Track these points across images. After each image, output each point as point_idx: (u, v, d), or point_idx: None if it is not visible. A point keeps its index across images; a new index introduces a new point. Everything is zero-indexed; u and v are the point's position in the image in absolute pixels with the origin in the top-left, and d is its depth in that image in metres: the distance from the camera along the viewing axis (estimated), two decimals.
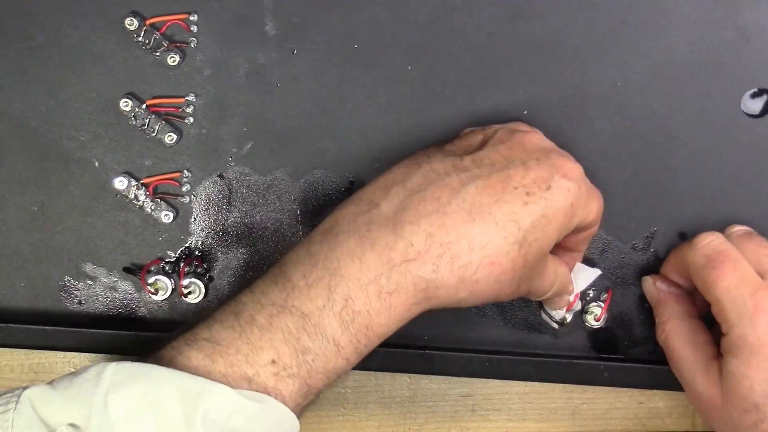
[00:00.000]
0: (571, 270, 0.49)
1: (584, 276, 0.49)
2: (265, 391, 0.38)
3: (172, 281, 0.52)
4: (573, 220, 0.43)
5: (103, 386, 0.37)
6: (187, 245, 0.52)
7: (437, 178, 0.41)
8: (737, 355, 0.44)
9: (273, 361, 0.39)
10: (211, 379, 0.38)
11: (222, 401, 0.37)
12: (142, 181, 0.52)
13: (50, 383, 0.38)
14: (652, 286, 0.51)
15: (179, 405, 0.37)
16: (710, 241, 0.47)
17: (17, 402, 0.37)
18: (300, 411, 0.40)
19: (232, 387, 0.38)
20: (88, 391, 0.37)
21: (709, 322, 0.49)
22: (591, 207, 0.44)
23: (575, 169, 0.43)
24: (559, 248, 0.49)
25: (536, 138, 0.45)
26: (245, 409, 0.37)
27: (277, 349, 0.39)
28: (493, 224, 0.40)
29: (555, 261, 0.47)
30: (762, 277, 0.45)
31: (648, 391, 0.53)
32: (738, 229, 0.50)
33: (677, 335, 0.48)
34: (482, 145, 0.44)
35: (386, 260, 0.39)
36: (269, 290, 0.40)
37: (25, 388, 0.38)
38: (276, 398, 0.39)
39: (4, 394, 0.38)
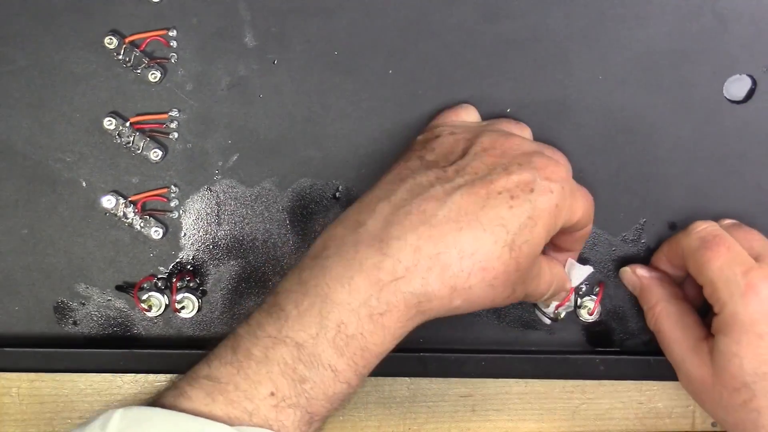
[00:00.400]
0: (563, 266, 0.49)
1: (576, 273, 0.49)
2: (266, 423, 0.39)
3: (165, 297, 0.52)
4: (559, 220, 0.43)
5: None
6: (178, 260, 0.52)
7: (422, 191, 0.42)
8: (728, 333, 0.44)
9: (272, 394, 0.39)
10: (213, 418, 0.38)
11: None
12: (130, 199, 0.52)
13: None
14: (632, 275, 0.51)
15: None
16: (705, 227, 0.48)
17: None
18: None
19: (233, 424, 0.38)
20: None
21: (700, 313, 0.49)
22: (576, 206, 0.44)
23: (558, 171, 0.43)
24: (555, 249, 0.49)
25: (518, 142, 0.44)
26: None
27: (274, 381, 0.39)
28: (481, 230, 0.40)
29: (550, 261, 0.47)
30: (754, 260, 0.46)
31: (648, 392, 0.54)
32: (727, 221, 0.50)
33: (666, 317, 0.49)
34: (464, 153, 0.44)
35: (375, 281, 0.39)
36: (264, 322, 0.40)
37: None
38: (279, 430, 0.39)
39: None
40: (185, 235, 0.52)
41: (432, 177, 0.42)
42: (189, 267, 0.52)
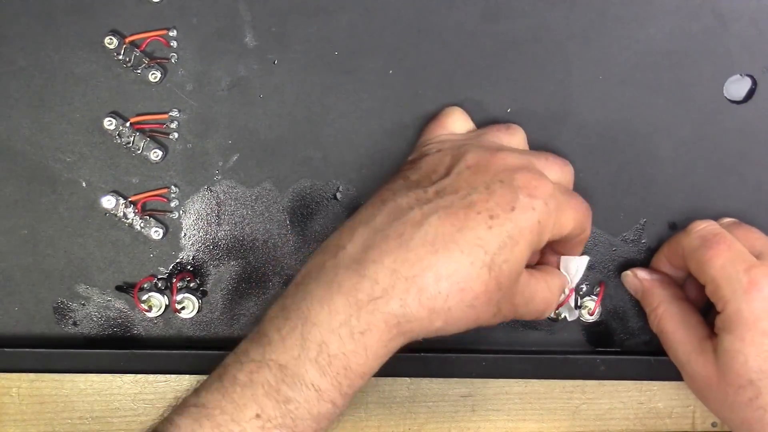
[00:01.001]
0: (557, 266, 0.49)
1: (573, 267, 0.49)
2: None
3: (165, 297, 0.52)
4: (543, 236, 0.43)
5: None
6: (178, 261, 0.52)
7: (401, 214, 0.42)
8: (732, 331, 0.45)
9: (257, 416, 0.39)
10: None
11: None
12: (130, 199, 0.52)
13: None
14: (634, 278, 0.51)
15: None
16: (705, 226, 0.48)
17: None
18: None
19: None
20: None
21: (701, 312, 0.49)
22: (564, 220, 0.44)
23: (541, 187, 0.43)
24: (551, 252, 0.49)
25: (503, 157, 0.44)
26: None
27: (259, 403, 0.39)
28: (458, 252, 0.40)
29: (544, 275, 0.47)
30: (756, 258, 0.46)
31: (648, 392, 0.54)
32: (727, 220, 0.50)
33: (669, 318, 0.49)
34: (448, 171, 0.43)
35: (354, 301, 0.40)
36: (249, 349, 0.41)
37: None
38: None
39: None
40: (185, 235, 0.52)
41: (412, 199, 0.42)
42: (189, 267, 0.52)
